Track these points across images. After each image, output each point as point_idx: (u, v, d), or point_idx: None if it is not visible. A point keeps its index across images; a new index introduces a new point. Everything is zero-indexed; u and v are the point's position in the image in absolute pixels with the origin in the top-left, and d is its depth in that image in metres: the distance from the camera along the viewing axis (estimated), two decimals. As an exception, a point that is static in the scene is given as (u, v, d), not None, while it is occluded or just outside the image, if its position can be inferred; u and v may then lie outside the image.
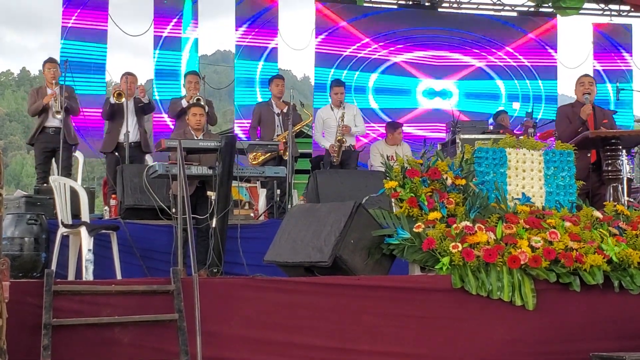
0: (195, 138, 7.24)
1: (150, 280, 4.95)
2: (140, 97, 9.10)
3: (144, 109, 9.26)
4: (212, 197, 6.41)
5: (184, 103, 8.96)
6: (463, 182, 5.58)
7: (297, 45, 13.22)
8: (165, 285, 4.62)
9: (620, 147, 6.86)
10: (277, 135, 9.19)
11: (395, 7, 13.75)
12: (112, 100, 9.00)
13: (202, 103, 8.36)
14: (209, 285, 4.76)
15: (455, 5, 13.98)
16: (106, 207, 8.60)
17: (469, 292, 5.00)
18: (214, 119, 9.24)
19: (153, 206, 6.51)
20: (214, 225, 6.26)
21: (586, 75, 8.05)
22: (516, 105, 13.20)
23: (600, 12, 14.41)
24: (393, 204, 5.54)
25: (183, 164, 5.48)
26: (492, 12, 14.04)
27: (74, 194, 6.83)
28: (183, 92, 9.48)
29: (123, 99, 8.94)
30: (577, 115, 7.55)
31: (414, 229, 5.26)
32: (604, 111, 7.94)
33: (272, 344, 4.77)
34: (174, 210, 6.15)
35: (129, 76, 9.20)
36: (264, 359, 4.74)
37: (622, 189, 6.87)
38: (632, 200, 7.69)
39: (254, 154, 9.04)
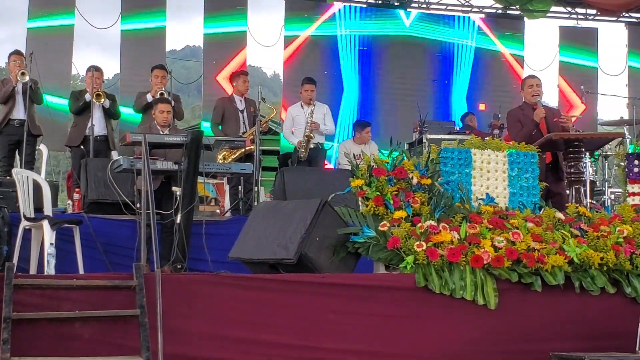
0: (161, 133, 7.19)
1: (112, 275, 4.91)
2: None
3: (108, 113, 9.20)
4: (177, 193, 6.37)
5: (149, 97, 8.89)
6: (428, 181, 5.60)
7: (266, 42, 13.20)
8: (127, 281, 4.59)
9: (583, 149, 6.94)
10: (243, 133, 9.15)
11: (364, 5, 13.77)
12: (88, 97, 8.95)
13: (166, 97, 8.31)
14: (172, 281, 4.73)
15: (424, 6, 14.03)
16: (69, 201, 8.52)
17: (433, 290, 5.02)
18: (180, 114, 9.19)
19: (117, 201, 6.45)
20: (178, 221, 6.22)
21: (533, 77, 8.06)
22: (482, 106, 13.29)
23: (567, 16, 14.56)
24: (359, 202, 5.56)
25: (147, 158, 5.44)
26: (460, 14, 14.12)
27: (37, 187, 6.75)
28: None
29: (103, 99, 8.91)
30: (528, 117, 7.57)
31: (380, 228, 5.28)
32: (552, 110, 8.00)
33: (236, 341, 4.75)
34: (138, 205, 6.10)
35: (95, 71, 9.13)
36: (227, 356, 4.72)
37: (585, 191, 6.95)
38: (594, 202, 7.79)
39: (223, 154, 8.99)
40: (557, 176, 7.14)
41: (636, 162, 6.34)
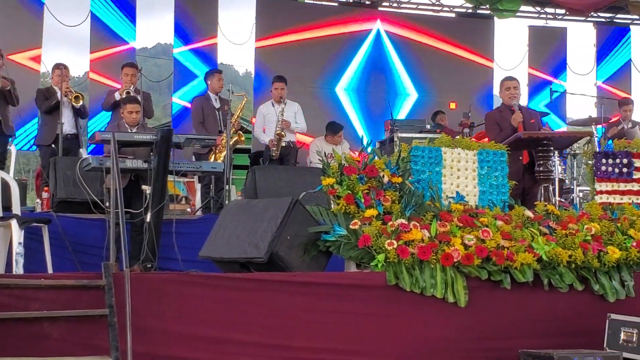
0: (130, 131, 7.14)
1: (81, 274, 4.87)
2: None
3: (77, 113, 9.13)
4: (147, 191, 6.33)
5: (118, 96, 8.84)
6: (399, 180, 5.62)
7: (237, 40, 13.17)
8: (96, 280, 4.55)
9: (552, 148, 7.00)
10: (220, 132, 9.11)
11: (335, 4, 13.78)
12: (66, 100, 8.88)
13: (133, 94, 8.26)
14: (142, 281, 4.70)
15: (395, 5, 14.07)
16: (38, 200, 8.44)
17: (403, 289, 5.05)
18: (150, 112, 9.14)
19: (86, 199, 6.40)
20: (148, 219, 6.18)
21: (511, 79, 8.09)
22: (453, 105, 13.36)
23: (536, 15, 14.67)
24: (330, 200, 5.56)
25: (116, 156, 5.40)
26: (431, 12, 14.18)
27: (5, 186, 6.67)
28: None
29: (81, 102, 8.85)
30: (506, 120, 7.61)
31: (351, 226, 5.28)
32: (530, 111, 8.06)
33: (207, 340, 4.73)
34: (107, 204, 6.06)
35: (63, 69, 9.05)
36: (198, 356, 4.71)
37: (554, 189, 7.01)
38: (563, 200, 7.86)
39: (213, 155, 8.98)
40: (533, 177, 7.19)
41: (604, 160, 6.40)
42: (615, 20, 14.82)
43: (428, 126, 10.85)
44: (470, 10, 14.32)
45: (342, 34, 13.48)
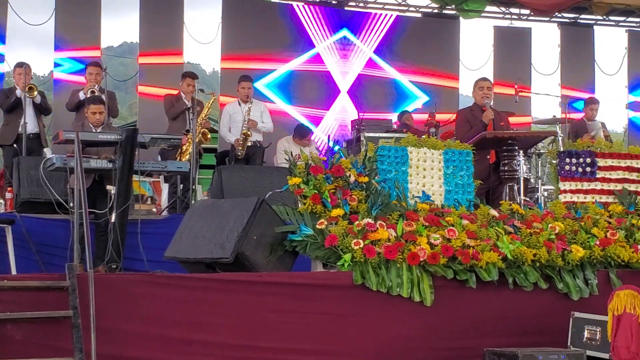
0: (94, 131, 7.07)
1: (44, 276, 4.83)
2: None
3: (39, 109, 9.02)
4: (112, 192, 6.28)
5: (82, 95, 8.75)
6: (366, 179, 5.63)
7: (203, 39, 13.09)
8: (59, 282, 4.51)
9: (517, 147, 7.06)
10: (187, 131, 9.05)
11: (302, 3, 13.74)
12: (19, 93, 8.75)
13: (97, 94, 8.18)
14: (107, 282, 4.67)
15: (361, 5, 14.09)
16: (1, 200, 8.34)
17: (370, 288, 5.06)
18: (115, 112, 9.04)
19: (50, 200, 6.32)
20: (113, 220, 6.13)
21: (485, 79, 8.18)
22: (419, 104, 13.40)
23: (501, 16, 14.78)
24: (297, 200, 5.55)
25: (80, 156, 5.35)
26: (397, 12, 14.22)
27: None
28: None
29: (35, 93, 8.72)
30: (477, 118, 7.69)
31: (317, 226, 5.29)
32: (500, 113, 8.14)
33: (172, 341, 4.72)
34: (71, 204, 5.99)
35: (26, 67, 8.94)
36: (163, 357, 4.69)
37: (519, 188, 7.07)
38: (527, 199, 7.92)
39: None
40: (499, 176, 7.24)
41: (567, 160, 6.47)
42: (579, 20, 14.98)
43: (394, 126, 10.88)
44: (436, 11, 14.38)
45: (309, 36, 13.45)
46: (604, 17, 14.95)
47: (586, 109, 10.77)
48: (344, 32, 13.62)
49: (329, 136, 10.51)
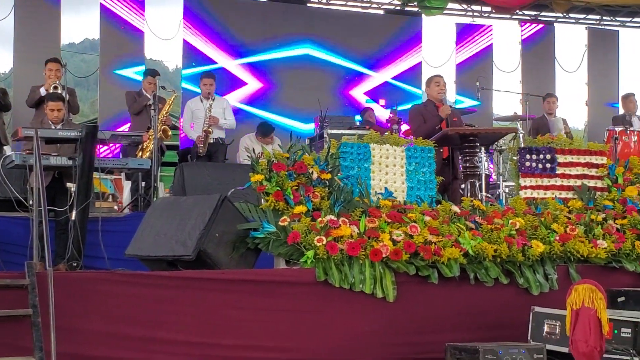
0: (54, 128, 6.98)
1: (4, 274, 4.75)
2: None
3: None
4: (72, 189, 6.21)
5: (43, 92, 8.63)
6: (328, 176, 5.64)
7: (164, 35, 13.00)
8: (18, 280, 4.46)
9: (478, 144, 7.11)
10: (148, 128, 8.98)
11: (265, 0, 13.71)
12: None
13: (59, 92, 8.07)
14: (67, 280, 4.62)
15: (324, 1, 14.09)
16: (-41, 199, 8.18)
17: (333, 284, 5.07)
18: (75, 108, 8.94)
19: (9, 197, 6.23)
20: (73, 217, 6.06)
21: (439, 76, 8.27)
22: (382, 101, 13.43)
23: (463, 13, 14.88)
24: (260, 197, 5.54)
25: (39, 153, 5.28)
26: (359, 9, 14.24)
27: None
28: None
29: None
30: (431, 113, 7.74)
31: (280, 223, 5.28)
32: (454, 110, 8.21)
33: (134, 340, 4.68)
34: (30, 202, 5.91)
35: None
36: (125, 355, 4.65)
37: (480, 184, 7.13)
38: (489, 195, 7.99)
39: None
40: (453, 171, 7.30)
41: (528, 156, 6.53)
42: (539, 17, 15.13)
43: (357, 123, 10.90)
44: (398, 8, 14.43)
45: (273, 33, 13.41)
46: (564, 14, 15.14)
47: (545, 103, 10.92)
48: (305, 29, 13.61)
49: (291, 133, 10.44)
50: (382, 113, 12.40)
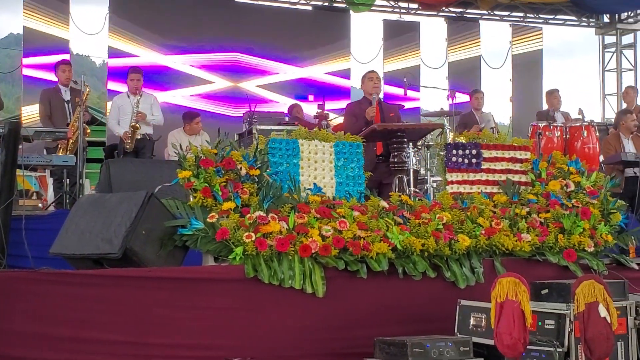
0: (-26, 124, 6.80)
1: None
2: None
3: None
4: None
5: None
6: (257, 172, 5.61)
7: (90, 30, 12.77)
8: (-62, 281, 4.32)
9: (406, 139, 7.17)
10: (68, 124, 8.82)
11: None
12: None
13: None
14: (-11, 280, 4.50)
15: (253, -3, 14.03)
16: None
17: (262, 281, 5.06)
18: (-1, 104, 8.75)
19: None
20: (-5, 216, 5.90)
21: (373, 71, 8.34)
22: (311, 97, 13.47)
23: (390, 10, 15.01)
24: (189, 194, 5.48)
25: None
26: (288, 5, 14.23)
27: None
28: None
29: None
30: (364, 111, 7.79)
31: (208, 219, 5.24)
32: (390, 106, 8.28)
33: (59, 339, 4.60)
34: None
35: None
36: (49, 356, 4.56)
37: (408, 180, 7.19)
38: (417, 190, 8.08)
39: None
40: (388, 167, 7.35)
41: (454, 151, 6.61)
42: (465, 15, 15.37)
43: (286, 118, 10.90)
44: (326, 4, 14.46)
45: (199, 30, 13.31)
46: (489, 11, 15.41)
47: (472, 98, 11.11)
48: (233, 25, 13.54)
49: (219, 129, 10.37)
50: (310, 109, 12.43)
